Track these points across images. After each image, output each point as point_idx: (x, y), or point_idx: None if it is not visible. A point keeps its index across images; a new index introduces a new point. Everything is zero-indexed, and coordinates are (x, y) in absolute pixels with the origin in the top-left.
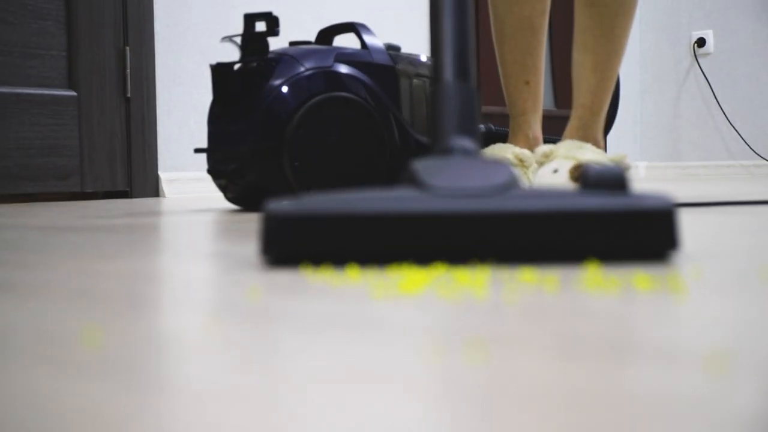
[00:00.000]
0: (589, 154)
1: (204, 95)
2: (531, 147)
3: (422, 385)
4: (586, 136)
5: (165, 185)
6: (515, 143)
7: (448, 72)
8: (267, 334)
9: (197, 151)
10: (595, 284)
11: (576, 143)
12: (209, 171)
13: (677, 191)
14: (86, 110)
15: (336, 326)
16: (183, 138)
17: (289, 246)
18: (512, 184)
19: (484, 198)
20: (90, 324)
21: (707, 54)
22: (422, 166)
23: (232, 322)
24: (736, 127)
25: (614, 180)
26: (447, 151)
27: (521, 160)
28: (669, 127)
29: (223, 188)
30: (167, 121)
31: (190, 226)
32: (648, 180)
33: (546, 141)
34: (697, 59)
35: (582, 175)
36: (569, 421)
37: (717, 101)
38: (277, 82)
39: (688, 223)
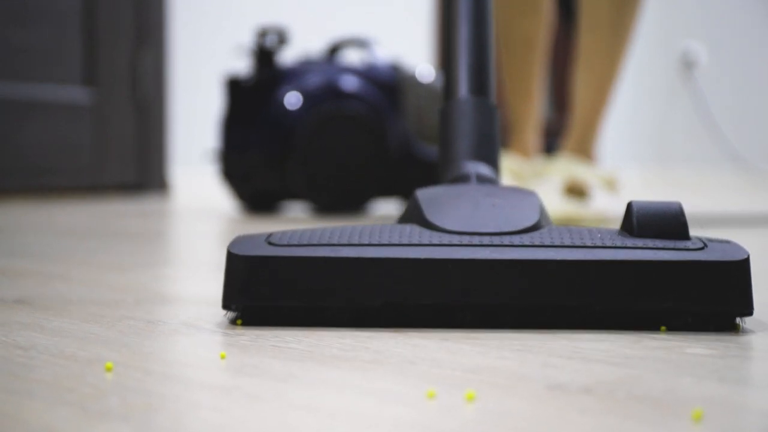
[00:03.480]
0: (582, 170)
1: (215, 97)
2: (527, 156)
3: None
4: (581, 150)
5: (175, 181)
6: (512, 152)
7: (463, 86)
8: None
9: (208, 154)
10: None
11: (571, 159)
12: (220, 174)
13: (679, 199)
14: (101, 108)
15: None
16: (194, 137)
17: (256, 297)
18: (537, 225)
19: (500, 245)
20: (105, 362)
21: (699, 62)
22: (428, 199)
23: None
24: (727, 135)
25: (668, 222)
26: (460, 179)
27: (517, 174)
28: (659, 133)
29: (233, 191)
30: (179, 120)
31: (200, 230)
32: (639, 186)
33: (545, 148)
34: (688, 67)
35: (627, 213)
36: None
37: (708, 109)
38: (285, 93)
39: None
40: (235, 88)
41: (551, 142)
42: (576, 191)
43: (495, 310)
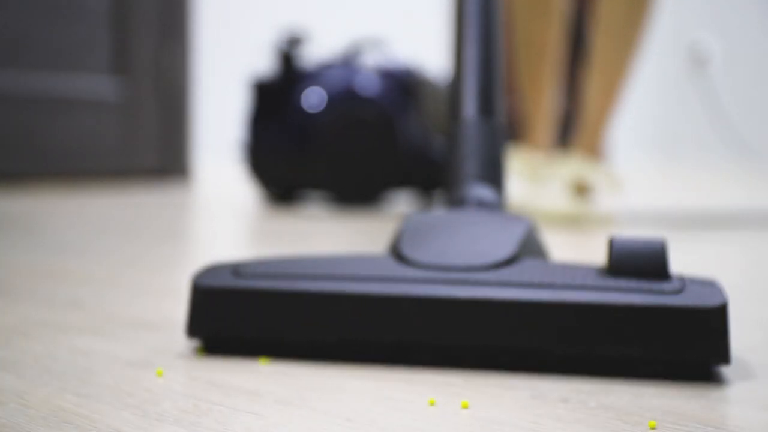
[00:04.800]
0: (589, 170)
1: (239, 90)
2: (540, 151)
3: None
4: (590, 150)
5: (198, 169)
6: (525, 146)
7: (470, 107)
8: None
9: (234, 148)
10: None
11: (580, 158)
12: (247, 167)
13: (687, 195)
14: (128, 99)
15: None
16: (217, 128)
17: (218, 328)
18: (512, 259)
19: (464, 282)
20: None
21: (710, 55)
22: (410, 227)
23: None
24: (737, 128)
25: (648, 261)
26: (458, 202)
27: (529, 168)
28: (666, 125)
29: (258, 182)
30: (203, 112)
31: (232, 228)
32: (645, 177)
33: (558, 143)
34: (698, 60)
35: (608, 250)
36: None
37: (719, 102)
38: (307, 94)
39: (719, 264)
40: (260, 89)
41: (564, 129)
42: (582, 190)
43: (455, 350)
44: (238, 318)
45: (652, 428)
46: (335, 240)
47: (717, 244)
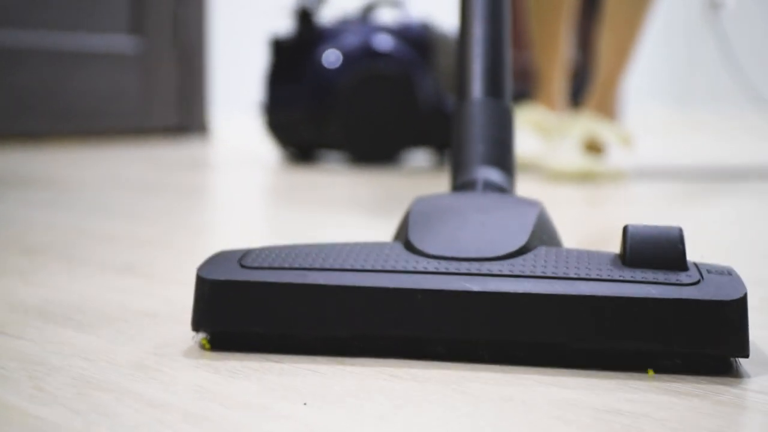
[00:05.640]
0: (600, 128)
1: (257, 49)
2: (553, 108)
3: None
4: (602, 108)
5: (216, 126)
6: (538, 104)
7: (477, 87)
8: None
9: (253, 106)
10: None
11: (592, 117)
12: (265, 126)
13: (701, 144)
14: (146, 56)
15: None
16: (235, 86)
17: (224, 322)
18: (524, 248)
19: (477, 274)
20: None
21: (724, 1)
22: (418, 214)
23: None
24: (751, 76)
25: (664, 251)
26: (466, 186)
27: (542, 127)
28: (681, 73)
29: (276, 140)
30: (221, 70)
31: (247, 185)
32: (659, 127)
33: (571, 98)
34: (713, 6)
35: (622, 238)
36: None
37: (732, 49)
38: (325, 53)
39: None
40: (279, 47)
41: (578, 84)
42: (594, 147)
43: (468, 345)
44: (246, 312)
45: (651, 375)
46: (351, 192)
47: (731, 199)
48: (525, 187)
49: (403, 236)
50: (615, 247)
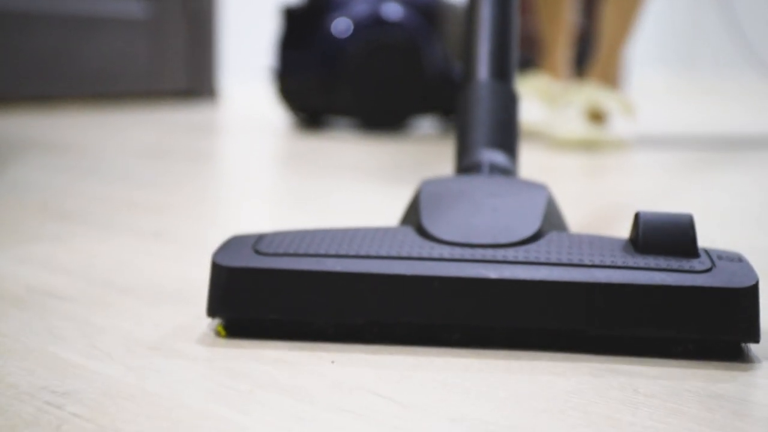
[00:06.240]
0: (603, 96)
1: (267, 15)
2: (558, 77)
3: None
4: (606, 77)
5: (226, 91)
6: (543, 72)
7: (483, 69)
8: None
9: (264, 72)
10: None
11: (595, 86)
12: (276, 92)
13: (706, 109)
14: (156, 21)
15: None
16: (245, 52)
17: (240, 308)
18: (538, 234)
19: (492, 260)
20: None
21: None
22: (429, 197)
23: None
24: (754, 42)
25: (676, 238)
26: (472, 168)
27: (546, 95)
28: (687, 36)
29: (287, 106)
30: (231, 35)
31: (259, 151)
32: (662, 93)
33: (576, 63)
34: None
35: (634, 224)
36: None
37: (735, 14)
38: (335, 21)
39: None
40: (290, 15)
41: (582, 48)
42: (597, 116)
43: (484, 331)
44: (262, 299)
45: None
46: (360, 158)
47: (730, 170)
48: (528, 155)
49: (415, 221)
50: (619, 225)
